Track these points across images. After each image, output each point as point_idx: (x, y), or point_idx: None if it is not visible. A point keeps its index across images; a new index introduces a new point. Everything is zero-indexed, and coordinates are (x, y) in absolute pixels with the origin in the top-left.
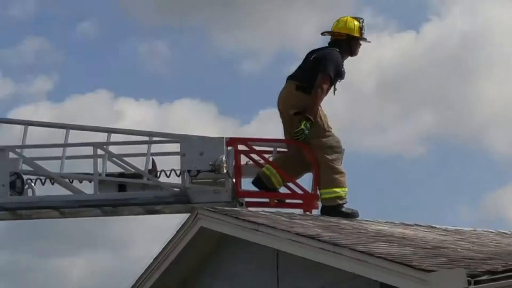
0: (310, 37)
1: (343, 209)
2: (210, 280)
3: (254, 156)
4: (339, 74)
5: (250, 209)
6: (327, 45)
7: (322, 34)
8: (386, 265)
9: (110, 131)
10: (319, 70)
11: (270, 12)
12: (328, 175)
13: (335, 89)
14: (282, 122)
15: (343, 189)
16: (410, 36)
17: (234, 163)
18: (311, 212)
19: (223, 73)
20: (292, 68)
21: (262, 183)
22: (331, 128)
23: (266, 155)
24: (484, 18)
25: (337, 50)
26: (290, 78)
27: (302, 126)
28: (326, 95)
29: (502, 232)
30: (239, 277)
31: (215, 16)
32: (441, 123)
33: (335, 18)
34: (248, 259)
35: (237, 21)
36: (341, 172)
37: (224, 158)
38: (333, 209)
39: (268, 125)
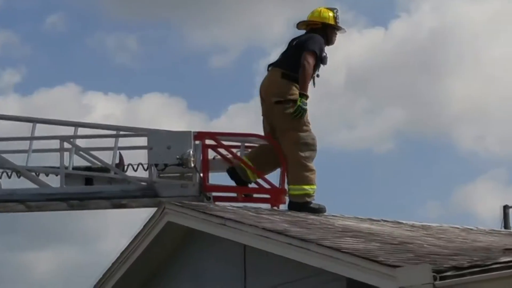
0: (280, 32)
1: (311, 205)
2: (177, 275)
3: (222, 150)
4: (322, 58)
5: (217, 203)
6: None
7: (297, 25)
8: (352, 261)
9: (77, 124)
10: (302, 50)
11: (240, 8)
12: (299, 172)
13: (317, 75)
14: (263, 111)
15: (311, 186)
16: (379, 32)
17: (201, 157)
18: (278, 207)
19: (192, 68)
20: (262, 63)
21: (236, 175)
22: (309, 124)
23: (234, 150)
24: (452, 15)
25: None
26: (274, 65)
27: (299, 103)
28: (314, 73)
29: (468, 228)
30: (206, 272)
31: (185, 11)
32: (410, 118)
33: (304, 13)
34: (215, 254)
35: (207, 16)
36: (311, 170)
37: (191, 152)
38: (301, 206)
39: (238, 119)
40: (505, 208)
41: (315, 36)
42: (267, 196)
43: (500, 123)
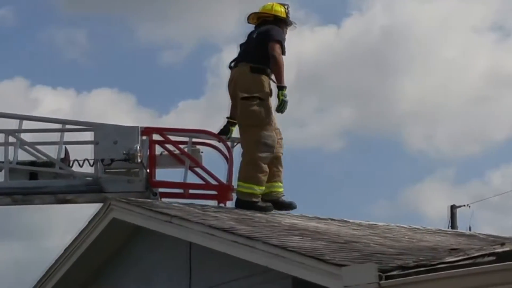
0: (231, 29)
1: (258, 204)
2: (123, 272)
3: (169, 146)
4: (283, 48)
5: (163, 200)
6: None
7: (248, 17)
8: (298, 259)
9: (22, 118)
10: (267, 41)
11: (190, 4)
12: (251, 171)
13: None
14: (232, 106)
15: (260, 187)
16: (331, 30)
17: (148, 153)
18: (225, 204)
19: (142, 64)
20: (213, 59)
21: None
22: (273, 124)
23: (182, 146)
24: (404, 14)
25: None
26: (240, 61)
27: (281, 97)
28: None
29: (415, 228)
30: (152, 269)
31: (135, 7)
32: (360, 117)
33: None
34: (161, 251)
35: (157, 12)
36: (264, 172)
37: (138, 148)
38: (246, 204)
39: (187, 116)
40: (452, 208)
41: (275, 26)
42: (214, 192)
43: (449, 123)
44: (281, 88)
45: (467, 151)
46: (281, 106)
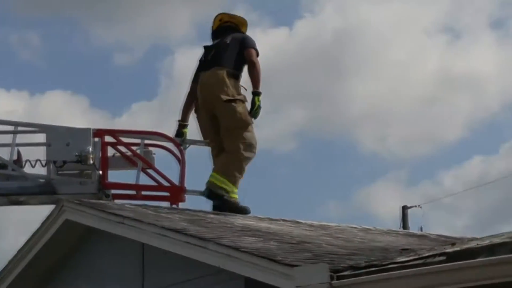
0: (184, 32)
1: (238, 205)
2: (76, 273)
3: (121, 148)
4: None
5: (116, 201)
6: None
7: (221, 14)
8: (251, 260)
9: None
10: (244, 47)
11: (144, 7)
12: (232, 168)
13: None
14: (204, 110)
15: (233, 187)
16: (283, 32)
17: (100, 155)
18: (178, 205)
19: (96, 66)
20: (166, 62)
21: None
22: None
23: (134, 148)
24: (356, 16)
25: None
26: (215, 64)
27: (257, 103)
28: None
29: (367, 228)
30: (105, 270)
31: (89, 9)
32: (312, 118)
33: (208, 13)
34: (114, 252)
35: (111, 14)
36: (242, 174)
37: (90, 149)
38: (217, 197)
39: (140, 118)
40: (404, 208)
41: (247, 35)
42: (167, 194)
43: (401, 125)
44: (257, 93)
45: (418, 152)
46: (256, 112)
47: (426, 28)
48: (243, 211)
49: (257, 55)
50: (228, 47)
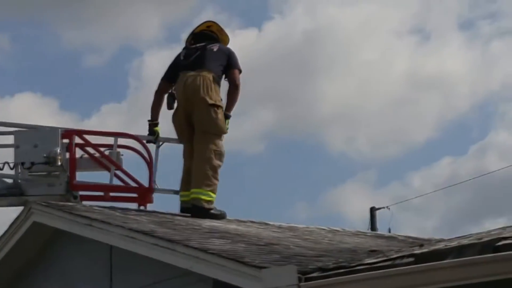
0: (153, 33)
1: (212, 211)
2: (44, 276)
3: (89, 149)
4: None
5: (84, 203)
6: (194, 33)
7: (209, 21)
8: (219, 261)
9: None
10: (230, 65)
11: (113, 8)
12: (210, 179)
13: None
14: (182, 110)
15: (213, 195)
16: (252, 33)
17: (69, 156)
18: (145, 207)
19: (65, 68)
20: (135, 63)
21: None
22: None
23: (102, 149)
24: (325, 18)
25: None
26: (201, 67)
27: (227, 126)
28: None
29: (335, 230)
30: (73, 272)
31: (58, 11)
32: (281, 119)
33: (178, 15)
34: (82, 254)
35: (80, 16)
36: (217, 180)
37: (58, 151)
38: (203, 211)
39: (110, 119)
40: (372, 210)
41: (233, 51)
42: (135, 195)
43: (370, 125)
44: (228, 117)
45: (388, 153)
46: (225, 129)
47: (396, 29)
48: (222, 217)
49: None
50: (215, 55)
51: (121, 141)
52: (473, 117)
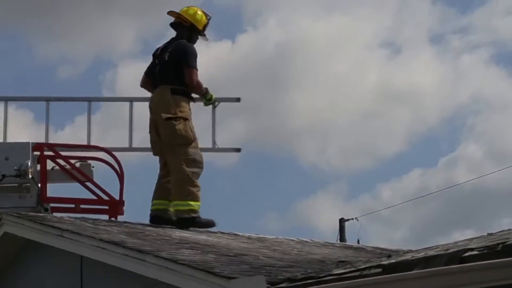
0: (127, 45)
1: (197, 220)
2: (14, 286)
3: (60, 161)
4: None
5: (55, 214)
6: (169, 26)
7: (169, 13)
8: (189, 272)
9: None
10: (182, 66)
11: (88, 21)
12: (186, 188)
13: None
14: (154, 129)
15: (197, 203)
16: (225, 45)
17: (40, 168)
18: (116, 218)
19: (40, 79)
20: (109, 75)
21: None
22: (197, 141)
23: (73, 161)
24: (298, 31)
25: (185, 40)
26: (159, 82)
27: (206, 101)
28: None
29: (304, 240)
30: (43, 283)
31: (32, 23)
32: (253, 131)
33: (153, 27)
34: (53, 265)
35: (54, 28)
36: (197, 186)
37: (29, 163)
38: (188, 221)
39: (83, 131)
40: (341, 221)
41: (188, 46)
42: (106, 207)
43: (340, 137)
44: (206, 97)
45: (358, 165)
46: (209, 103)
47: (367, 42)
48: (211, 224)
49: (196, 68)
50: (167, 65)
51: (94, 153)
52: (442, 130)
